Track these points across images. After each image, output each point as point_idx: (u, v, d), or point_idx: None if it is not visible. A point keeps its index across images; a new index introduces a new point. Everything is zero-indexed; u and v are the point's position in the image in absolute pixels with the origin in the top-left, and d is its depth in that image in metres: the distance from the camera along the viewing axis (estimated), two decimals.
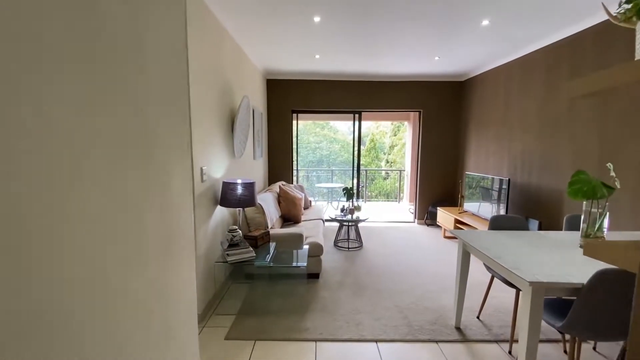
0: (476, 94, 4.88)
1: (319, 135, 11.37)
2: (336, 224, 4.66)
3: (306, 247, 3.05)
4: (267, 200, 3.48)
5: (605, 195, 1.90)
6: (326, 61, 4.35)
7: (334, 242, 4.36)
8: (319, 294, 2.91)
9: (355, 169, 5.69)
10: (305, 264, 2.53)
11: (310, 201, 5.10)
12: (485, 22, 2.96)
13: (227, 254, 2.46)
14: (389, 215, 6.51)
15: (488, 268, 2.37)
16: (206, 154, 2.55)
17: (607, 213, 1.89)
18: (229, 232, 2.55)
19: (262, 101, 4.95)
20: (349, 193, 4.15)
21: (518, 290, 2.12)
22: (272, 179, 5.42)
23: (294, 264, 2.68)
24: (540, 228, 3.30)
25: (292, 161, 5.51)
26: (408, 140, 7.93)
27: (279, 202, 3.99)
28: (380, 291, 2.97)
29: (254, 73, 4.33)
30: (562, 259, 1.76)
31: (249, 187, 2.71)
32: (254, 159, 4.25)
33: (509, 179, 3.56)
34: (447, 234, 4.82)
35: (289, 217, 4.02)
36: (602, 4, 1.13)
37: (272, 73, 5.07)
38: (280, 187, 4.14)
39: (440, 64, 4.47)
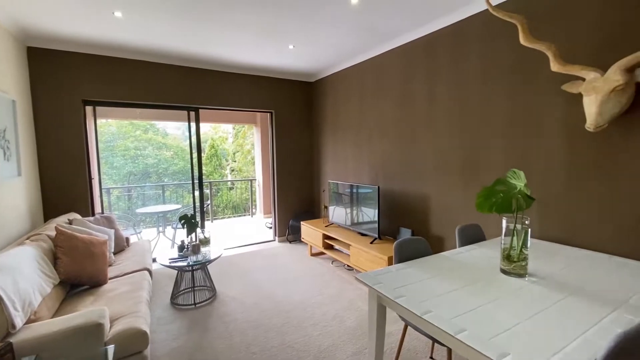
0: (329, 96, 4.54)
1: (141, 140, 8.87)
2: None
3: (110, 347, 1.62)
4: (14, 268, 1.76)
5: (523, 207, 1.58)
6: (136, 28, 2.87)
7: (172, 298, 2.93)
8: None
9: (197, 181, 4.32)
10: None
11: (128, 238, 3.39)
12: (355, 0, 2.41)
13: None
14: (244, 234, 5.44)
15: (402, 317, 1.77)
16: None
17: (529, 230, 1.58)
18: None
19: (15, 82, 2.88)
20: (189, 223, 2.84)
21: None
22: (51, 211, 3.32)
23: None
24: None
25: (91, 179, 3.58)
26: (257, 146, 7.09)
27: (57, 259, 2.24)
28: None
29: None
30: (519, 310, 1.27)
31: None
32: None
33: (379, 187, 3.25)
34: (314, 251, 4.25)
35: (83, 280, 2.33)
36: None
37: (39, 37, 3.05)
38: (58, 229, 2.36)
39: (294, 57, 3.81)
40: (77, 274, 2.29)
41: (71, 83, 3.37)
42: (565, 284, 1.47)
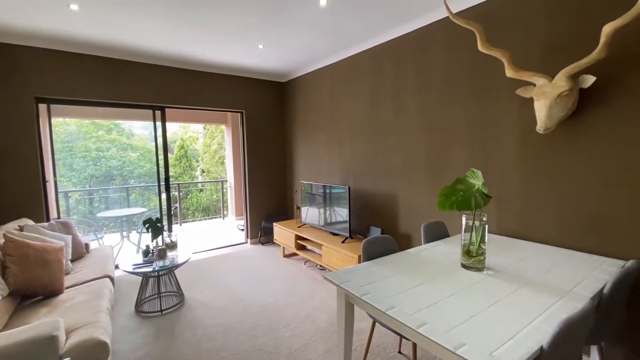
0: (301, 97, 4.54)
1: (104, 140, 8.39)
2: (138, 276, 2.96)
3: None
4: None
5: (481, 205, 1.68)
6: (94, 22, 2.72)
7: (136, 306, 2.80)
8: None
9: (163, 183, 4.16)
10: None
11: (88, 244, 3.20)
12: (323, 2, 2.43)
13: None
14: (215, 237, 5.31)
15: (369, 314, 1.80)
16: None
17: (487, 226, 1.67)
18: None
19: None
20: (154, 227, 2.73)
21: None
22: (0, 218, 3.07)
23: None
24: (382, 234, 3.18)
25: (45, 182, 3.34)
26: (228, 147, 6.94)
27: (5, 268, 2.07)
28: None
29: None
30: (476, 302, 1.34)
31: None
32: None
33: (349, 187, 3.29)
34: (287, 252, 4.23)
35: (36, 290, 2.17)
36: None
37: None
38: (6, 236, 2.18)
39: (264, 57, 3.78)
40: (29, 283, 2.13)
41: (22, 79, 3.13)
42: (519, 276, 1.57)
